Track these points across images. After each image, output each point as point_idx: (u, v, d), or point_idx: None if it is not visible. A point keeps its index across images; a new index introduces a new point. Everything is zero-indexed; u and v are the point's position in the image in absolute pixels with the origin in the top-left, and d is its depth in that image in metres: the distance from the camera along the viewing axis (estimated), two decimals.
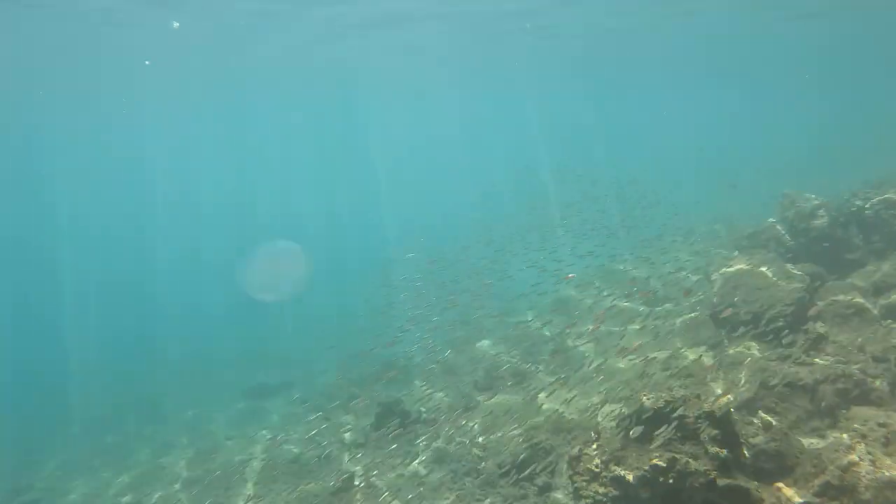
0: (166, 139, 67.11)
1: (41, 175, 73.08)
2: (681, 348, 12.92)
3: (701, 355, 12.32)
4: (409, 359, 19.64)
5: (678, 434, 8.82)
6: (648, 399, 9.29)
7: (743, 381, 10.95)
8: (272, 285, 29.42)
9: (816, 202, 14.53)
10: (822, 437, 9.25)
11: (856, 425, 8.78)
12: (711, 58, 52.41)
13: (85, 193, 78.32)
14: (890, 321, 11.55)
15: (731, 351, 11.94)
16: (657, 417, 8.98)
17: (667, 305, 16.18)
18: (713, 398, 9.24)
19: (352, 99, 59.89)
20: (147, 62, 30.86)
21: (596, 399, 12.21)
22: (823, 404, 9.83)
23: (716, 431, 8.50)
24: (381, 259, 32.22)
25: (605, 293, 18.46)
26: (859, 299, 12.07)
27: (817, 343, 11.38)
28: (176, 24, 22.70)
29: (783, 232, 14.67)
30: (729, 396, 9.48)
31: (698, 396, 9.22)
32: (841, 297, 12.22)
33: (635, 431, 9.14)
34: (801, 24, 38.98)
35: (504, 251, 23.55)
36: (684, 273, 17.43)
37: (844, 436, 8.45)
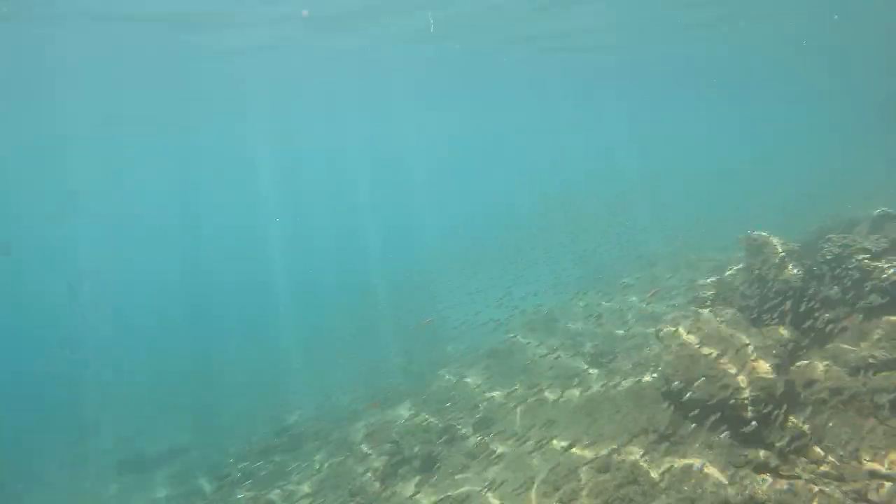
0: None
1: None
2: (623, 438, 9.81)
3: (648, 451, 9.19)
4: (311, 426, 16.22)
5: None
6: None
7: (704, 499, 7.89)
8: None
9: (786, 248, 11.62)
10: None
11: None
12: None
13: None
14: (887, 413, 8.57)
15: (686, 448, 8.89)
16: None
17: (612, 366, 13.05)
18: None
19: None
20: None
21: None
22: None
23: None
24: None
25: (542, 349, 15.30)
26: (846, 380, 9.13)
27: (798, 444, 8.39)
28: None
29: (749, 284, 11.70)
30: None
31: None
32: (823, 377, 9.29)
33: None
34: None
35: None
36: (634, 328, 14.42)
37: None
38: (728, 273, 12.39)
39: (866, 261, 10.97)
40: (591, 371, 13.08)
